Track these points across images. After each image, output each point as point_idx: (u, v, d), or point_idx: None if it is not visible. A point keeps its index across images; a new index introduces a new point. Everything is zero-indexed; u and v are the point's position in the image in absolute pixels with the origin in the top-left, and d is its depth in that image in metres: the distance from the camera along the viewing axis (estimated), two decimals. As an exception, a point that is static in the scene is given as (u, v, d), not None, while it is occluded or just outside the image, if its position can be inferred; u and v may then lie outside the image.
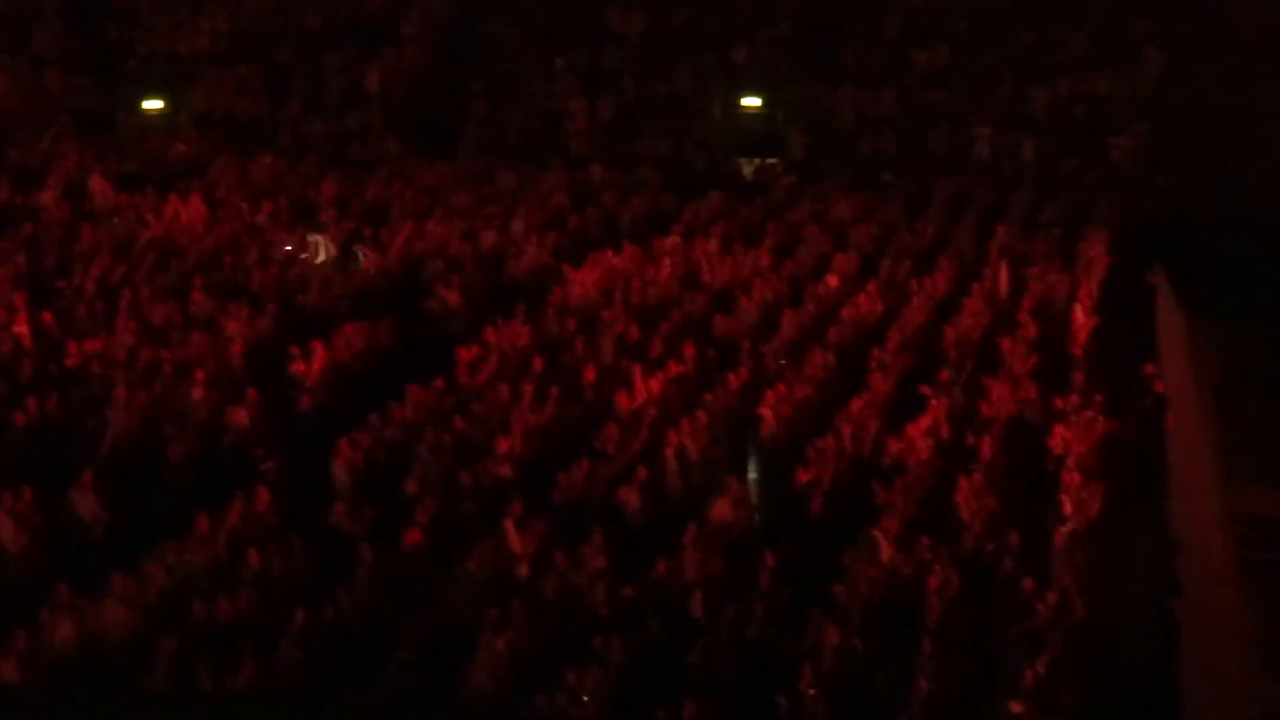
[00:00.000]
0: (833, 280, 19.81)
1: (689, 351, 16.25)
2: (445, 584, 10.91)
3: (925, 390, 15.71)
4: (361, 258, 19.21)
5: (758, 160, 28.67)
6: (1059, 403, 15.92)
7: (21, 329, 15.01)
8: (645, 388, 15.22)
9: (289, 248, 19.72)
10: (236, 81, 29.48)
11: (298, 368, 14.83)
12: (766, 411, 14.43)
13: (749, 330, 17.28)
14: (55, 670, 9.44)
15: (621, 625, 10.55)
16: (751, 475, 14.13)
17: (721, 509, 12.40)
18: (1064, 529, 13.02)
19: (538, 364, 15.25)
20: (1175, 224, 24.67)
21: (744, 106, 29.29)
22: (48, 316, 15.47)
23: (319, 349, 15.10)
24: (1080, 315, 18.74)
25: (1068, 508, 13.46)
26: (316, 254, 20.13)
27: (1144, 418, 16.56)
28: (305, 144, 27.45)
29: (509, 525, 11.55)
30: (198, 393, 13.95)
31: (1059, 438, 15.04)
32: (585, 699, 9.57)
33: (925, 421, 14.91)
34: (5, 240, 18.59)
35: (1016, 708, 10.09)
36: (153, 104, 29.58)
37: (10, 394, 13.67)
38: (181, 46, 31.30)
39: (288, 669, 9.69)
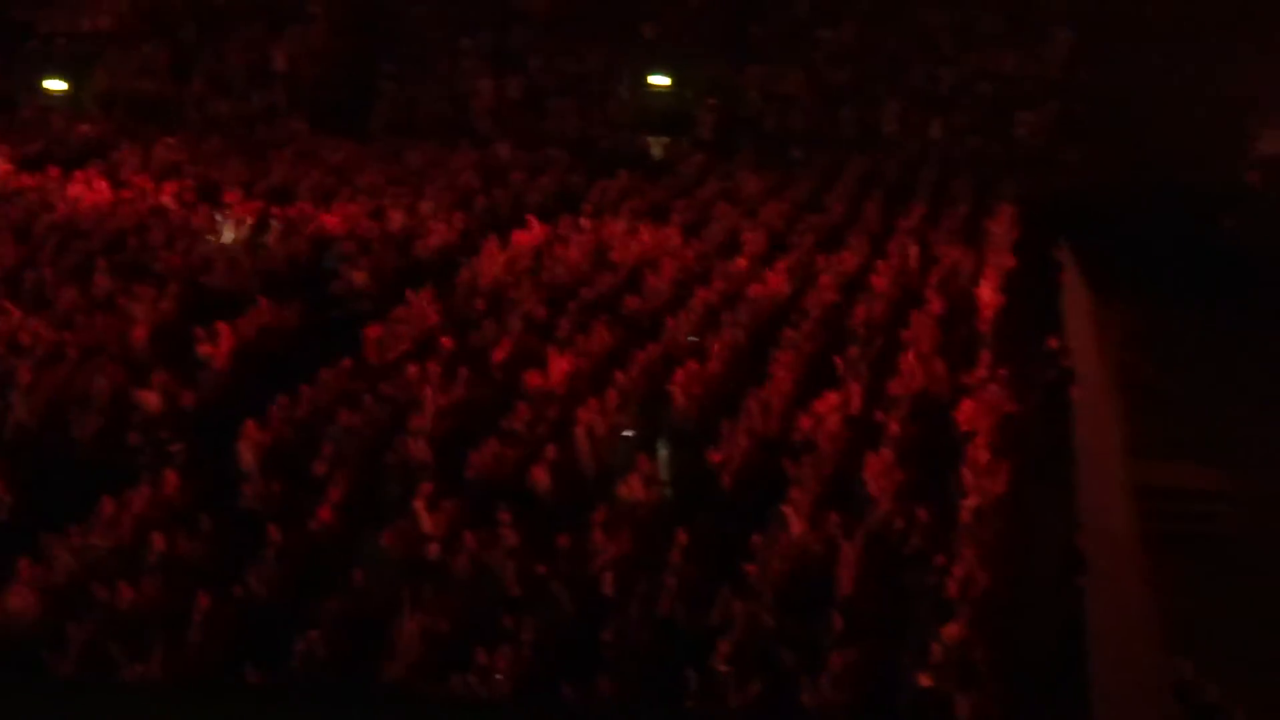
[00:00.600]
0: (742, 259, 19.91)
1: (599, 330, 16.26)
2: (356, 565, 10.94)
3: (837, 365, 15.78)
4: (271, 227, 19.15)
5: (666, 139, 28.74)
6: (966, 378, 16.02)
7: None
8: (555, 366, 15.19)
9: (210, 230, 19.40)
10: (140, 61, 29.13)
11: (204, 349, 14.75)
12: (676, 389, 14.47)
13: (659, 309, 17.36)
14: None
15: (533, 604, 10.63)
16: (662, 453, 14.15)
17: (631, 487, 12.46)
18: (969, 503, 13.06)
19: (446, 344, 15.38)
20: (1081, 201, 25.23)
21: (652, 85, 29.50)
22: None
23: (225, 330, 15.11)
24: (987, 292, 18.94)
25: (974, 482, 13.46)
26: (222, 234, 19.57)
27: (1049, 392, 16.67)
28: (211, 124, 27.10)
29: (419, 505, 11.61)
30: (103, 375, 13.80)
31: (966, 413, 15.06)
32: (499, 678, 9.53)
33: (834, 398, 14.95)
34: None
35: (925, 681, 10.25)
36: (55, 84, 29.09)
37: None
38: (83, 25, 30.79)
39: (197, 653, 9.65)
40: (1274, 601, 15.24)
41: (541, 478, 12.70)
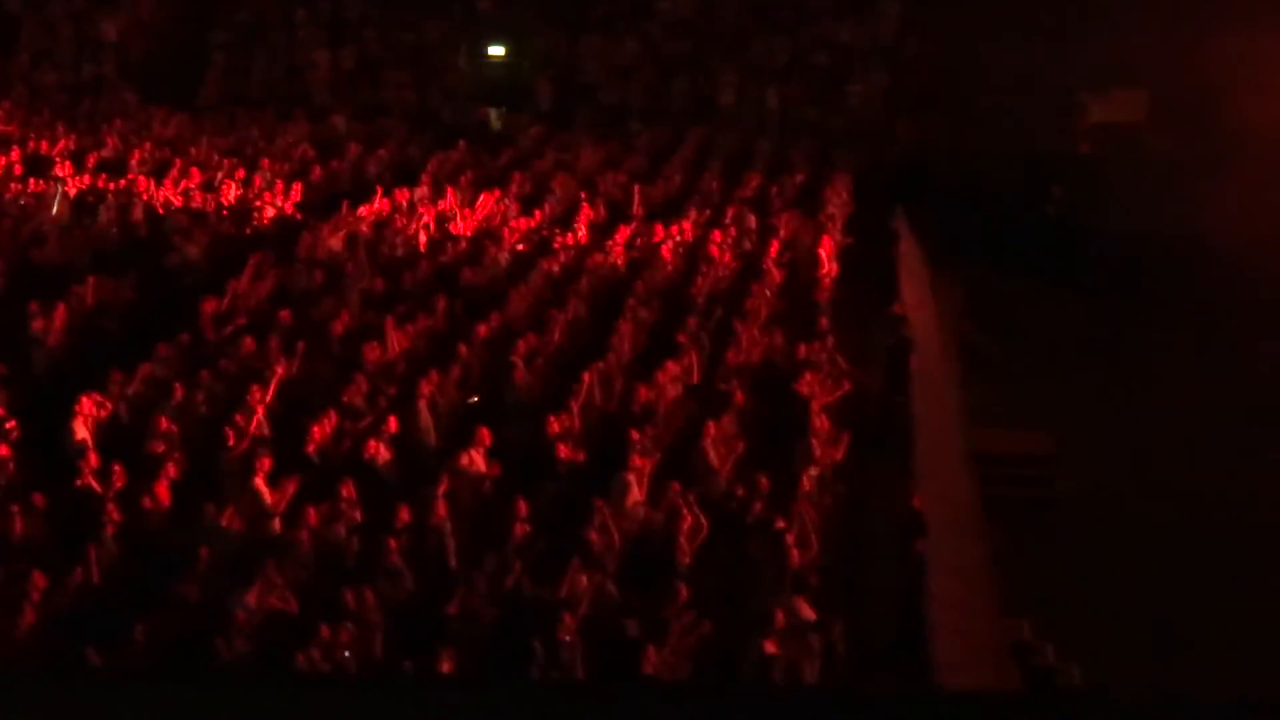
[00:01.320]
0: (581, 230, 19.64)
1: (439, 303, 16.11)
2: (197, 543, 10.59)
3: (679, 338, 15.55)
4: (104, 201, 18.30)
5: (504, 110, 28.36)
6: (804, 349, 15.87)
7: None
8: (395, 340, 14.85)
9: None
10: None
11: (37, 325, 14.23)
12: (518, 360, 14.24)
13: (499, 281, 17.06)
14: None
15: (376, 578, 10.42)
16: (503, 425, 13.96)
17: (472, 459, 12.21)
18: (811, 472, 13.02)
19: (285, 317, 14.97)
20: (916, 172, 24.79)
21: (490, 56, 28.85)
22: None
23: (59, 306, 14.62)
24: (825, 261, 18.73)
25: (815, 451, 13.44)
26: (53, 208, 18.77)
27: (888, 361, 16.60)
28: (38, 96, 25.85)
29: (259, 481, 11.37)
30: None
31: (806, 383, 14.94)
32: (345, 655, 9.33)
33: (674, 368, 14.80)
34: None
35: (770, 648, 10.28)
36: None
37: None
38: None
39: (33, 635, 9.38)
40: (1104, 560, 15.54)
41: (381, 451, 12.27)
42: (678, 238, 19.53)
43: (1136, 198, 23.12)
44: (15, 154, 20.54)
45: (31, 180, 19.46)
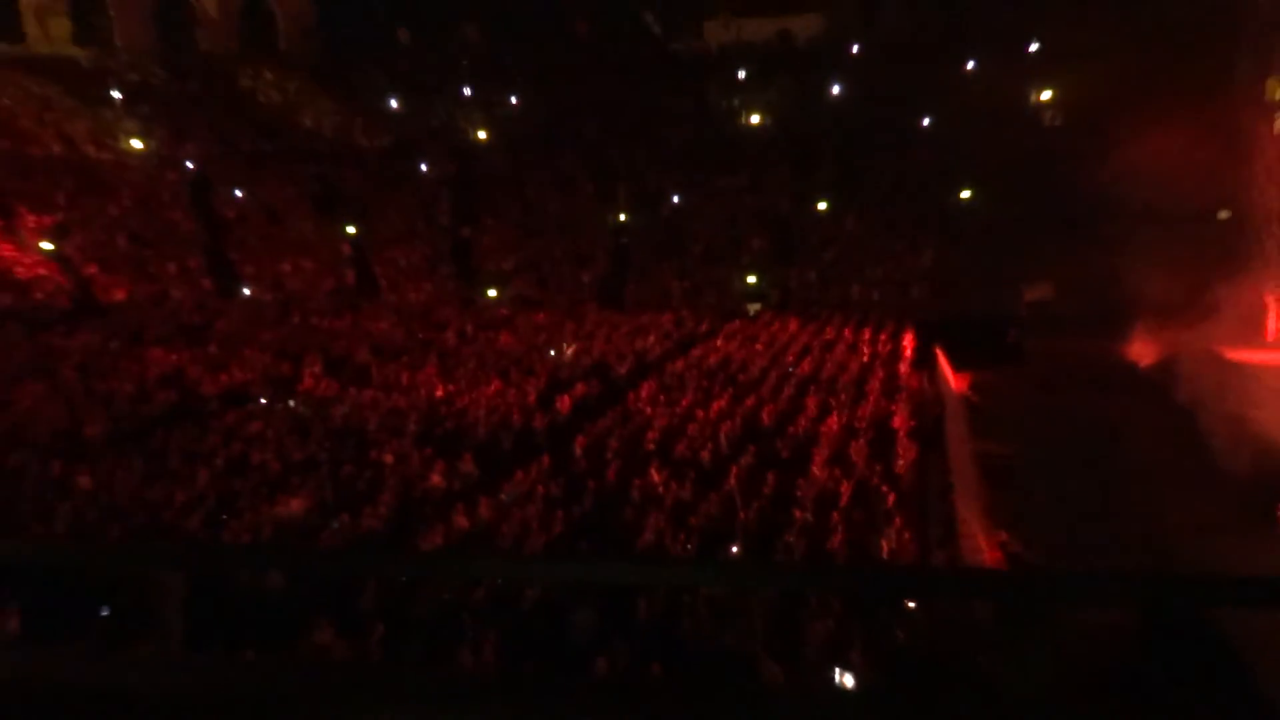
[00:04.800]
0: (789, 357, 28.18)
1: (748, 402, 20.24)
2: None
3: (831, 401, 20.02)
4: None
5: (758, 305, 38.89)
6: (896, 405, 20.01)
7: None
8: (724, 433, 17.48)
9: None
10: None
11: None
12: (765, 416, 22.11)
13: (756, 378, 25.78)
14: None
15: None
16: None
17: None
18: (902, 462, 15.79)
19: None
20: (943, 325, 31.62)
21: (749, 284, 39.77)
22: None
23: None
24: (903, 366, 25.04)
25: (901, 452, 16.40)
26: (564, 357, 24.57)
27: (933, 408, 20.94)
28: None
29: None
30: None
31: (896, 419, 18.95)
32: None
33: (833, 418, 18.62)
34: None
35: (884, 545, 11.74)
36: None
37: None
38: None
39: None
40: (1043, 505, 17.72)
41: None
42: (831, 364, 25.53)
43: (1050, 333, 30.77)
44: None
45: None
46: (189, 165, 46.42)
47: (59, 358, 24.42)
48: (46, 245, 37.86)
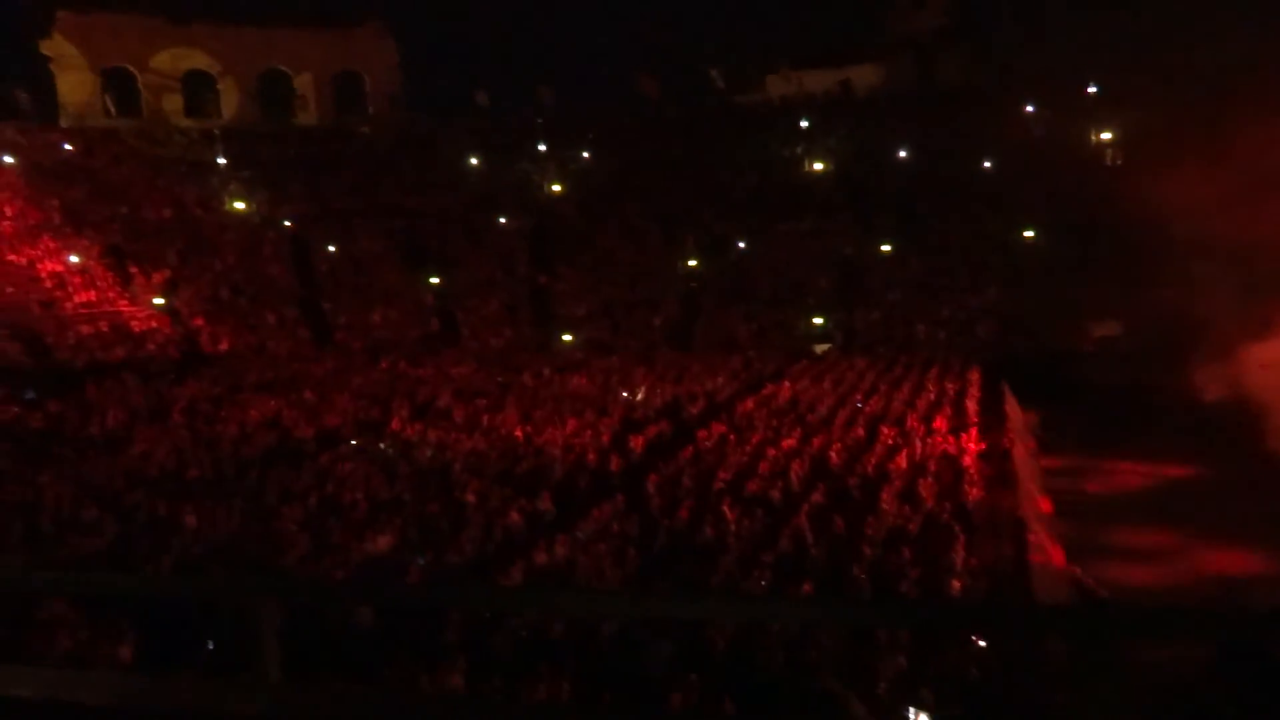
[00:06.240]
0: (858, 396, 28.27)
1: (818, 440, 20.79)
2: None
3: (900, 439, 20.21)
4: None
5: (828, 346, 39.44)
6: (967, 436, 20.70)
7: None
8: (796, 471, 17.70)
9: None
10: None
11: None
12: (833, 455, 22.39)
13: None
14: None
15: None
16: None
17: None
18: (973, 496, 16.05)
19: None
20: (1007, 364, 31.80)
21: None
22: None
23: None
24: (971, 405, 25.00)
25: (970, 490, 16.49)
26: (638, 397, 25.65)
27: (1004, 441, 21.24)
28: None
29: None
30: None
31: (967, 459, 19.22)
32: None
33: (901, 458, 18.73)
34: None
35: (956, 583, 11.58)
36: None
37: None
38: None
39: None
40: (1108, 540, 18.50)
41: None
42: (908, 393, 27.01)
43: (1111, 369, 30.38)
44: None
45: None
46: (287, 224, 48.28)
47: (168, 404, 25.24)
48: (158, 300, 39.51)
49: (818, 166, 50.38)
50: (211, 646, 7.99)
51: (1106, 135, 44.52)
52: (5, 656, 7.60)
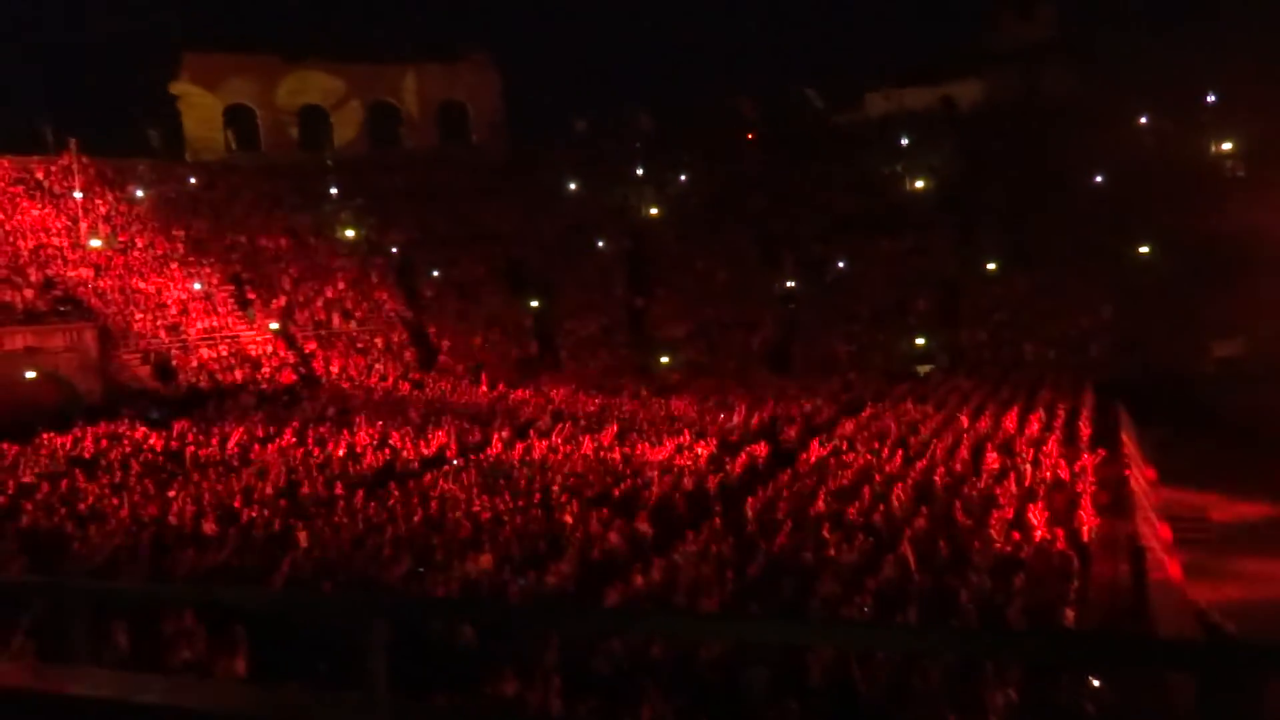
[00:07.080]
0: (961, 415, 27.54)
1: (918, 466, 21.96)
2: None
3: (1008, 463, 19.88)
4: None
5: (931, 366, 38.70)
6: (1079, 463, 20.15)
7: None
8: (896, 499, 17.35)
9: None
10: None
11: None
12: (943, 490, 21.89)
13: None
14: None
15: None
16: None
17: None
18: (1086, 524, 15.58)
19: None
20: (1121, 383, 31.36)
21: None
22: None
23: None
24: (1085, 426, 24.81)
25: (1084, 518, 16.01)
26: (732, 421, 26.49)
27: (1120, 470, 20.69)
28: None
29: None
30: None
31: (1081, 483, 18.76)
32: None
33: (1009, 482, 18.44)
34: None
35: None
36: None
37: None
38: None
39: None
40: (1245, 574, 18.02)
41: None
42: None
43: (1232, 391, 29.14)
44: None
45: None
46: (394, 250, 49.80)
47: (283, 424, 26.25)
48: (274, 325, 41.24)
49: (919, 184, 49.49)
50: (322, 665, 8.13)
51: (1227, 146, 42.56)
52: (135, 665, 7.94)
